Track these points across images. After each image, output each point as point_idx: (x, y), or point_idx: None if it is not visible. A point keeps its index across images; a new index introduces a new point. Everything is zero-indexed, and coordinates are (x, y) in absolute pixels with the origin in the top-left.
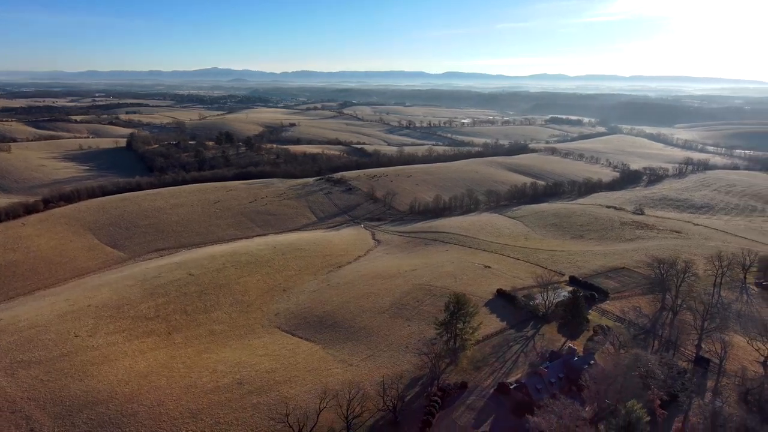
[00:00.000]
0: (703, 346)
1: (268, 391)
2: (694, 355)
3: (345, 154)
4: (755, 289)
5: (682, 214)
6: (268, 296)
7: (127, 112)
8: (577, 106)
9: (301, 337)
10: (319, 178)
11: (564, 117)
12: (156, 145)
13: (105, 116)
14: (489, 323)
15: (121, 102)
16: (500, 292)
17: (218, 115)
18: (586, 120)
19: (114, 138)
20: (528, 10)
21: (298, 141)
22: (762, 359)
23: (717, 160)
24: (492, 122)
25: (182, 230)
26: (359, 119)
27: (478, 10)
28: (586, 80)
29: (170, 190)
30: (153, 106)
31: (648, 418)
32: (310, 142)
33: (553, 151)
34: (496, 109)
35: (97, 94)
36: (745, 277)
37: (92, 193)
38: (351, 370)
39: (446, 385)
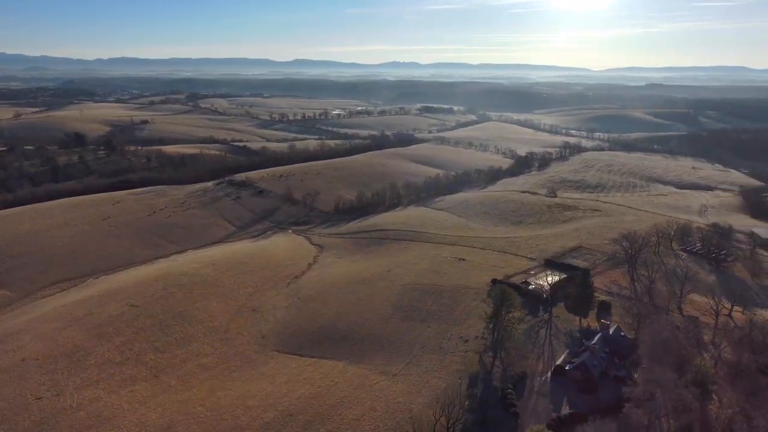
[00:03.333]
0: (682, 307)
1: (330, 417)
2: (680, 315)
3: (226, 154)
4: (683, 254)
5: (583, 194)
6: (240, 319)
7: None
8: (441, 94)
9: (314, 356)
10: (218, 181)
11: (436, 106)
12: None
13: None
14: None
15: None
16: (495, 282)
17: (38, 112)
18: (456, 108)
19: None
20: None
21: (160, 141)
22: (727, 313)
23: (585, 143)
24: (368, 113)
25: (78, 256)
26: (221, 114)
27: None
28: (438, 68)
29: (35, 208)
30: None
31: (714, 372)
32: (176, 141)
33: (443, 141)
34: (361, 99)
35: None
36: (671, 245)
37: None
38: (400, 379)
39: (511, 376)
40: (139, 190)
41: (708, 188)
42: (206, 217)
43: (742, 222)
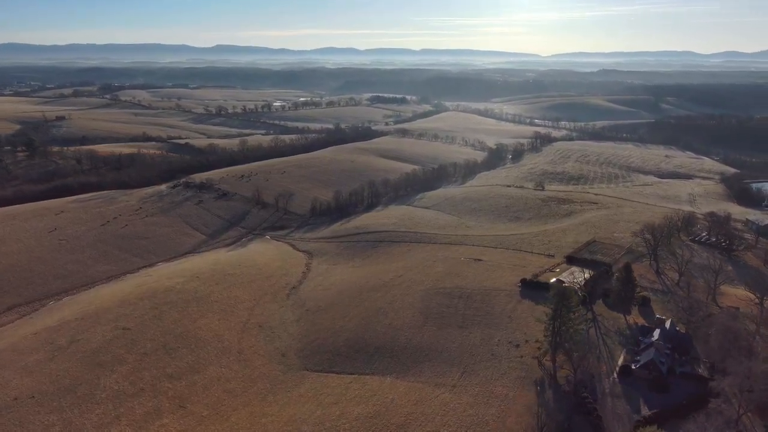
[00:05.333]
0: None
1: None
2: (718, 307)
3: (167, 152)
4: (693, 245)
5: (569, 186)
6: (250, 337)
7: None
8: (388, 82)
9: (352, 373)
10: (173, 184)
11: (387, 96)
12: None
13: None
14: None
15: None
16: (525, 282)
17: None
18: (409, 98)
19: None
20: None
21: (83, 139)
22: (757, 302)
23: (554, 133)
24: (315, 104)
25: (32, 275)
26: (147, 107)
27: None
28: (379, 54)
29: None
30: None
31: None
32: (102, 140)
33: (404, 133)
34: (302, 89)
35: None
36: (679, 235)
37: None
38: (461, 391)
39: (581, 380)
40: (83, 196)
41: (688, 177)
42: (169, 224)
43: (732, 210)
